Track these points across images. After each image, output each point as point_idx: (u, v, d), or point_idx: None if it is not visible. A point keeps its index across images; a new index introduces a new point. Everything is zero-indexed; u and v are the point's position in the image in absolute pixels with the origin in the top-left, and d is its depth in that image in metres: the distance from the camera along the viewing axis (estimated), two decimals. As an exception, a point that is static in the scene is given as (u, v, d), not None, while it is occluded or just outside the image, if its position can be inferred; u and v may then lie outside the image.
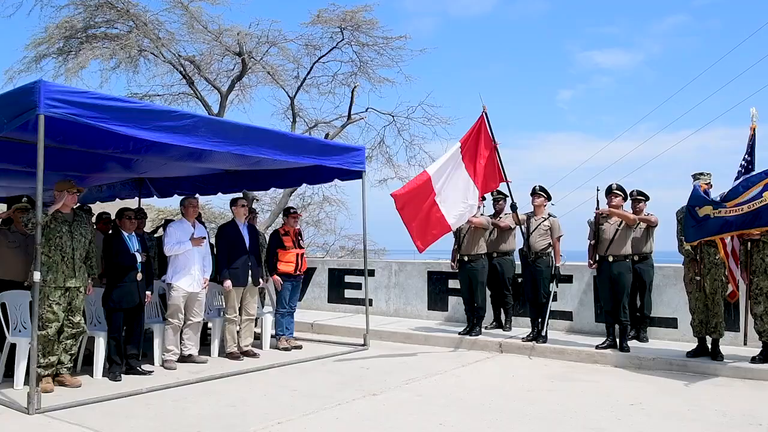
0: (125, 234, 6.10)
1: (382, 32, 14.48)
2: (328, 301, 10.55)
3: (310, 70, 14.86)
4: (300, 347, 7.56)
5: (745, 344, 6.45)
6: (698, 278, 6.35)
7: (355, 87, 14.81)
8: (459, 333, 7.94)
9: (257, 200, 15.08)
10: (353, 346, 7.71)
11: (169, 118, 5.44)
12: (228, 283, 6.83)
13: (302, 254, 7.61)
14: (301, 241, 7.75)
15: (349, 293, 10.30)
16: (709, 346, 6.47)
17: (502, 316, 8.38)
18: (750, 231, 5.92)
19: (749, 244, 6.18)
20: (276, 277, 7.41)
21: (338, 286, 10.48)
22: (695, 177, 6.47)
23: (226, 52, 14.15)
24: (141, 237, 6.42)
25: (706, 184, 6.35)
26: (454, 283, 8.85)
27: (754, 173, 5.96)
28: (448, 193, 6.92)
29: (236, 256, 6.93)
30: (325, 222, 18.72)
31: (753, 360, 6.16)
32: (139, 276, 6.03)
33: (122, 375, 5.85)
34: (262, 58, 14.32)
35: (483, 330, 8.04)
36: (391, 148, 16.01)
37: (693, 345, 6.61)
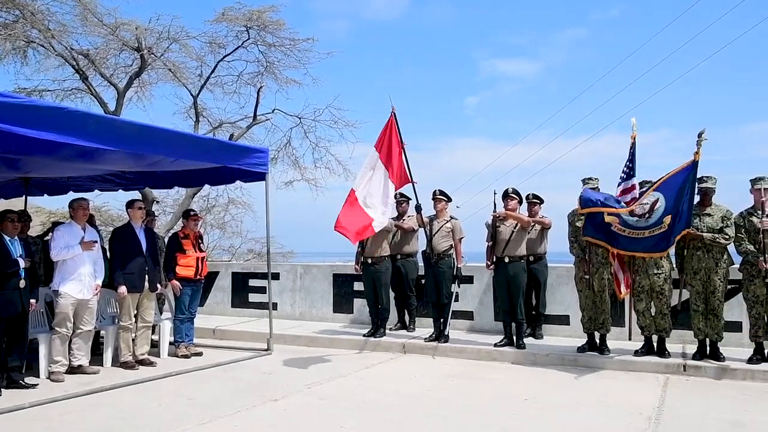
0: (7, 238, 5.68)
1: (289, 33, 14.30)
2: (232, 306, 10.30)
3: (214, 68, 14.45)
4: (200, 354, 7.33)
5: (629, 339, 6.87)
6: (587, 277, 6.72)
7: (261, 87, 14.56)
8: (363, 335, 7.98)
9: (157, 202, 14.48)
10: (256, 352, 7.57)
11: (56, 114, 5.13)
12: (122, 288, 6.52)
13: (203, 258, 7.39)
14: (201, 245, 7.53)
15: (253, 297, 10.10)
16: (598, 341, 6.85)
17: (406, 317, 8.50)
18: (649, 255, 6.41)
19: (632, 245, 6.60)
20: (174, 281, 7.15)
21: (242, 291, 10.25)
22: (584, 181, 6.86)
23: (124, 46, 13.50)
24: (25, 241, 6.02)
25: (593, 189, 6.77)
26: (359, 286, 8.88)
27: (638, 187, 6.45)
28: (372, 199, 6.98)
29: (132, 260, 6.63)
30: (230, 225, 18.27)
31: (636, 353, 6.58)
32: (22, 283, 5.64)
33: (2, 389, 5.43)
34: (162, 54, 13.77)
35: (387, 331, 8.12)
36: (297, 150, 15.83)
37: (584, 340, 6.98)
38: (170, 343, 7.38)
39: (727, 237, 6.23)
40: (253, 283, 10.15)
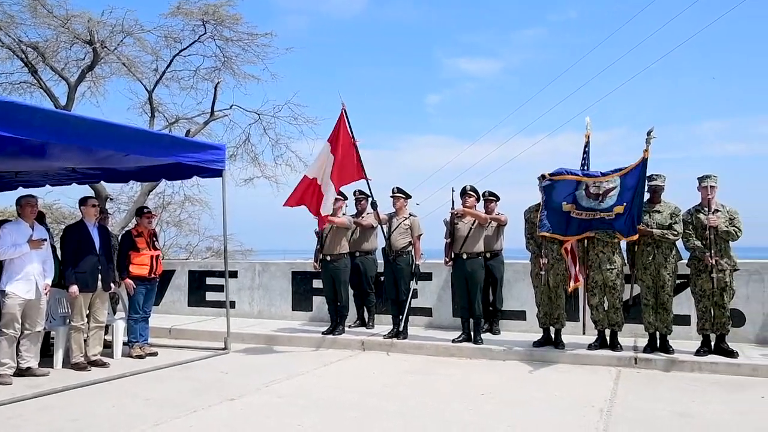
0: (-52, 237, 5.47)
1: (247, 28, 14.17)
2: (188, 305, 10.14)
3: (170, 63, 14.22)
4: (155, 354, 7.19)
5: (583, 333, 7.03)
6: (543, 273, 6.84)
7: (218, 83, 14.38)
8: (322, 333, 7.95)
9: (111, 199, 14.16)
10: (213, 351, 7.47)
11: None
12: (74, 288, 6.36)
13: (157, 256, 7.25)
14: (156, 243, 7.39)
15: (210, 296, 9.96)
16: (553, 335, 6.99)
17: (365, 315, 8.51)
18: (603, 232, 6.54)
19: (586, 241, 6.75)
20: (128, 280, 7.01)
21: (199, 289, 10.10)
22: (540, 178, 6.96)
23: (76, 39, 13.15)
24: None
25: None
26: (318, 283, 8.85)
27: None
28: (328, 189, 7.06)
29: (84, 258, 6.47)
30: (188, 222, 18.01)
31: (589, 347, 6.74)
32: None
33: (-55, 394, 5.24)
34: (116, 48, 13.49)
35: (346, 329, 8.12)
36: (256, 147, 15.70)
37: (539, 335, 7.11)
38: (124, 344, 7.22)
39: (676, 233, 6.42)
40: (210, 281, 10.01)
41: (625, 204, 6.36)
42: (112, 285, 6.79)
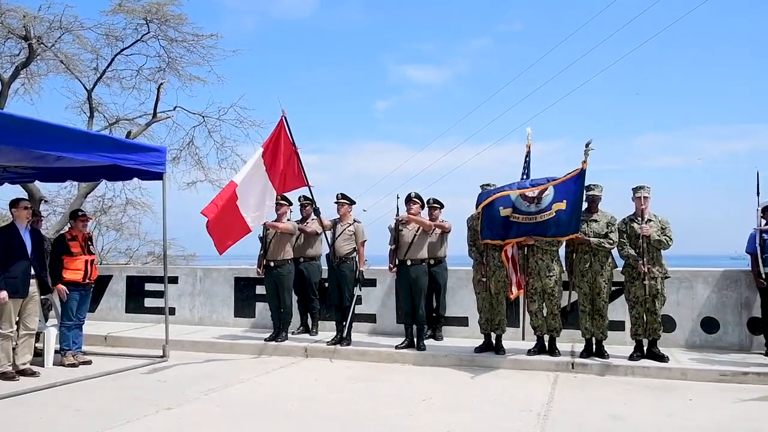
0: None
1: (192, 28, 13.88)
2: (126, 312, 9.84)
3: (111, 62, 13.79)
4: (89, 363, 6.95)
5: (523, 338, 7.16)
6: (484, 280, 6.95)
7: (162, 83, 14.02)
8: (265, 339, 7.85)
9: (46, 201, 13.61)
10: (151, 359, 7.27)
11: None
12: (3, 294, 6.08)
13: (92, 261, 7.01)
14: (91, 247, 7.15)
15: (149, 302, 9.70)
16: (494, 341, 7.10)
17: (309, 321, 8.45)
18: (537, 237, 6.66)
19: (526, 249, 6.89)
20: (61, 286, 6.75)
21: (138, 295, 9.82)
22: (482, 187, 7.08)
23: (10, 34, 12.61)
24: None
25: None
26: (261, 289, 8.74)
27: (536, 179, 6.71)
28: (248, 199, 6.89)
29: (15, 263, 6.21)
30: (128, 226, 17.46)
31: (529, 352, 6.88)
32: None
33: None
34: (53, 44, 12.98)
35: (290, 335, 8.05)
36: (201, 150, 15.37)
37: (481, 341, 7.21)
38: (56, 352, 6.95)
39: (612, 242, 6.63)
40: (149, 287, 9.74)
41: (565, 201, 6.46)
42: (44, 290, 6.53)
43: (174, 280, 9.52)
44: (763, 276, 6.56)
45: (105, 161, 6.60)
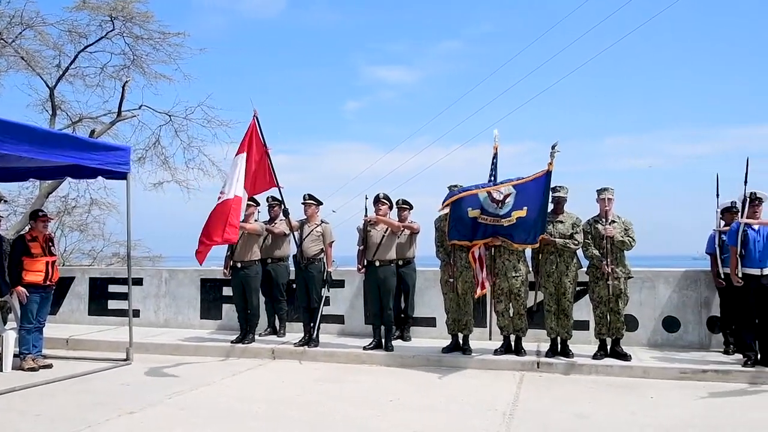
0: None
1: (159, 26, 13.65)
2: (89, 314, 9.63)
3: (75, 59, 13.49)
4: (50, 366, 6.77)
5: (490, 338, 7.22)
6: (451, 280, 6.99)
7: (127, 81, 13.76)
8: (231, 341, 7.77)
9: (5, 201, 13.24)
10: (114, 362, 7.13)
11: None
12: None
13: (53, 262, 6.86)
14: (52, 248, 6.98)
15: (113, 304, 9.50)
16: (461, 341, 7.14)
17: (277, 323, 8.39)
18: (504, 239, 6.72)
19: (493, 249, 6.95)
20: (20, 288, 6.58)
21: (101, 297, 9.62)
22: (450, 188, 7.12)
23: (-32, 30, 12.28)
24: None
25: None
26: (228, 291, 8.64)
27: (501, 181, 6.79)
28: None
29: (-30, 265, 6.03)
30: (92, 227, 17.10)
31: (495, 352, 6.93)
32: None
33: None
34: (14, 40, 12.67)
35: (257, 337, 7.98)
36: (167, 150, 15.11)
37: (449, 341, 7.24)
38: (15, 356, 6.78)
39: (577, 242, 6.73)
40: (113, 288, 9.55)
41: (526, 208, 6.56)
42: (2, 293, 6.36)
43: (139, 281, 9.35)
44: (722, 276, 6.73)
45: (67, 161, 6.46)
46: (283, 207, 7.39)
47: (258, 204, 8.07)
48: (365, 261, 7.37)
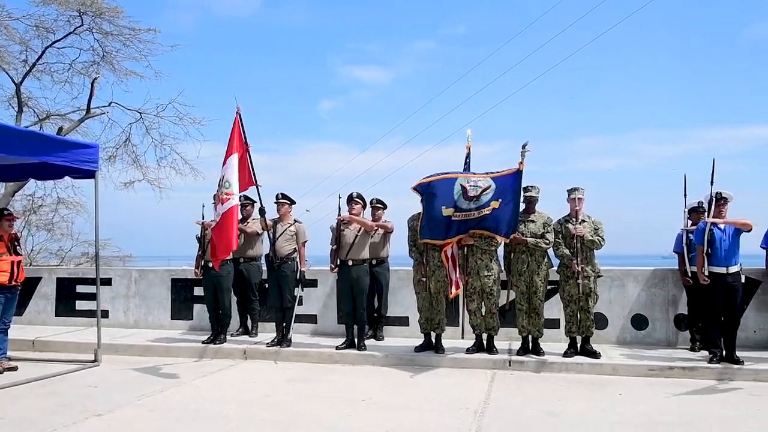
0: None
1: (129, 22, 13.48)
2: (56, 315, 9.44)
3: (42, 54, 13.27)
4: (15, 369, 6.63)
5: (462, 337, 7.27)
6: (424, 279, 7.01)
7: (96, 78, 13.58)
8: (203, 342, 7.69)
9: (-31, 200, 12.96)
10: (82, 364, 7.00)
11: None
12: None
13: (19, 262, 6.70)
14: (18, 247, 6.82)
15: (81, 305, 9.34)
16: (434, 340, 7.17)
17: (249, 323, 8.32)
18: (479, 231, 6.74)
19: (466, 248, 6.99)
20: (-16, 289, 6.42)
21: (69, 298, 9.44)
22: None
23: (-71, 23, 11.97)
24: None
25: None
26: (199, 291, 8.54)
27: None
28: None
29: (-69, 265, 5.86)
30: (60, 226, 16.79)
31: (468, 351, 6.97)
32: None
33: None
34: (-22, 35, 12.40)
35: (228, 337, 7.91)
36: (138, 148, 14.93)
37: (421, 340, 7.26)
38: (-22, 358, 6.61)
39: (548, 242, 6.80)
40: (81, 289, 9.39)
41: (500, 200, 6.61)
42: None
43: (107, 281, 9.19)
44: (689, 274, 6.86)
45: (33, 159, 6.33)
46: (260, 206, 7.32)
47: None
48: (338, 260, 7.35)
